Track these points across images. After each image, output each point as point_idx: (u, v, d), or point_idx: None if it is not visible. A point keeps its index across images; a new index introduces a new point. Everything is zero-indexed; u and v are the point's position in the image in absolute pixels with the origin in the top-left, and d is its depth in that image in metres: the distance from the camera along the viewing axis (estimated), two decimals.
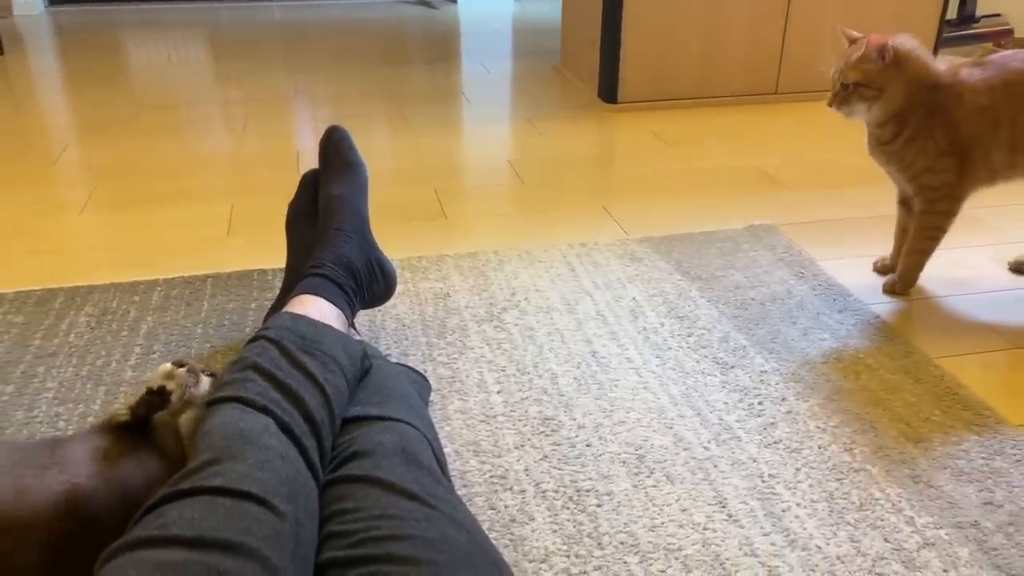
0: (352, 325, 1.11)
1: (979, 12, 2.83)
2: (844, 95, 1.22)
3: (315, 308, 0.98)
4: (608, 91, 2.37)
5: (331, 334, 0.93)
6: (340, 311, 1.01)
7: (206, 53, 3.12)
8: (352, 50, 3.15)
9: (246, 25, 3.63)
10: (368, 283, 1.10)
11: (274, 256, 1.46)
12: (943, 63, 1.22)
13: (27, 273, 1.41)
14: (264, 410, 0.76)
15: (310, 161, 1.95)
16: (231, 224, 1.61)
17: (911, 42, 1.19)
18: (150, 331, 1.22)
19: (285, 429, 0.75)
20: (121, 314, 1.27)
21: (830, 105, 1.24)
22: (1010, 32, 2.82)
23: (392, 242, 1.53)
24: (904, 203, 1.34)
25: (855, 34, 1.24)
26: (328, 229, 1.10)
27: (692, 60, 2.35)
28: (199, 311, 1.28)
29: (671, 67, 2.35)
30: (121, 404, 1.05)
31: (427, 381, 1.06)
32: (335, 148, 1.19)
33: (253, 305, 1.29)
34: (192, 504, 0.62)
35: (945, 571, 0.81)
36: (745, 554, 0.83)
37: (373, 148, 2.05)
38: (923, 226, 1.28)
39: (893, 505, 0.89)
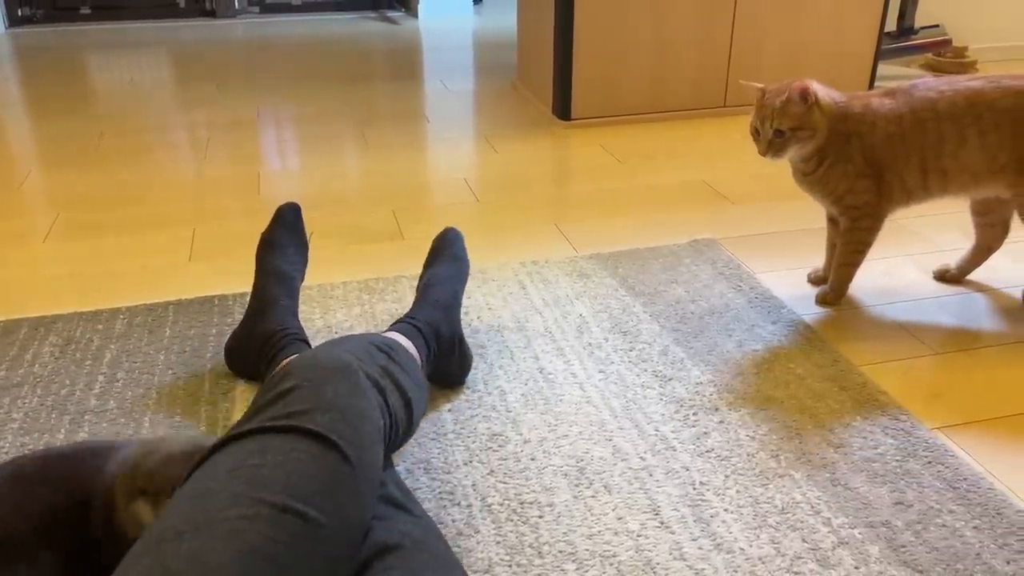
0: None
1: (918, 24, 2.94)
2: (781, 142, 1.27)
3: (410, 347, 1.06)
4: (562, 108, 2.45)
5: (416, 374, 0.99)
6: (421, 360, 1.07)
7: (168, 74, 3.15)
8: (314, 68, 3.20)
9: (208, 43, 3.66)
10: (447, 355, 1.16)
11: (235, 281, 1.50)
12: (843, 95, 1.30)
13: None
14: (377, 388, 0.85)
15: (271, 185, 2.00)
16: (192, 249, 1.65)
17: (816, 83, 1.27)
18: (114, 359, 1.27)
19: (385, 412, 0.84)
20: (85, 343, 1.31)
21: (764, 155, 1.29)
22: (948, 43, 2.94)
23: (350, 264, 1.58)
24: (832, 220, 1.42)
25: (759, 85, 1.30)
26: (426, 298, 1.19)
27: (642, 76, 2.43)
28: (161, 338, 1.32)
29: (622, 83, 2.43)
30: None
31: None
32: (449, 244, 1.29)
33: (214, 331, 1.34)
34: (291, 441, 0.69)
35: (856, 568, 0.88)
36: (675, 558, 0.90)
37: (333, 171, 2.10)
38: (850, 241, 1.37)
39: (812, 507, 0.97)
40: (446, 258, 1.28)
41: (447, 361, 1.16)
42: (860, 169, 1.29)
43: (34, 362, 1.26)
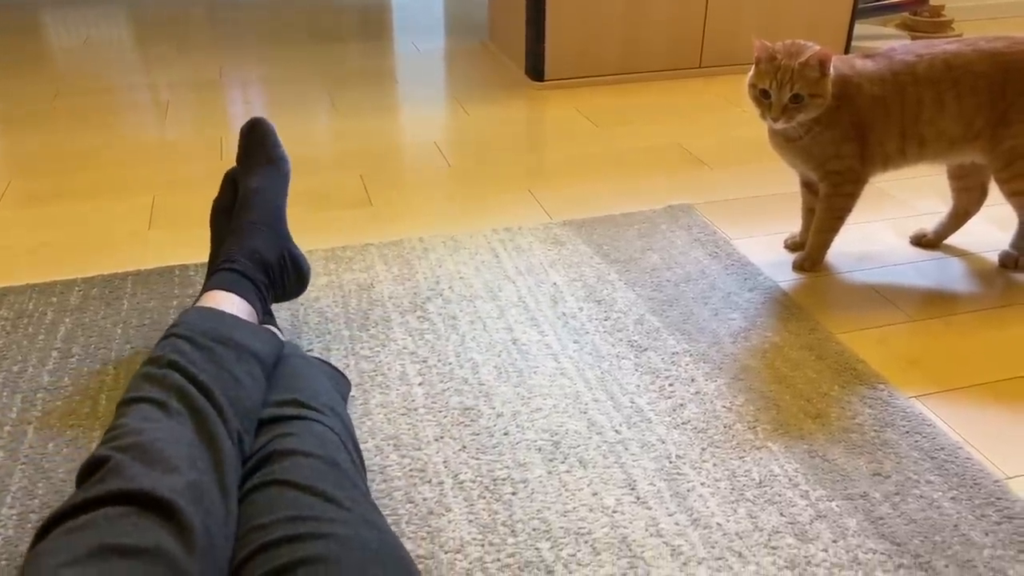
0: (273, 322, 1.12)
1: None
2: (796, 108, 1.21)
3: (227, 303, 1.00)
4: (535, 69, 2.39)
5: (242, 326, 0.94)
6: (251, 306, 1.02)
7: (127, 32, 3.03)
8: (280, 26, 3.10)
9: (169, 0, 3.53)
10: (280, 277, 1.11)
11: (196, 250, 1.45)
12: (838, 59, 1.26)
13: None
14: (177, 412, 0.78)
15: (234, 150, 1.93)
16: (152, 217, 1.59)
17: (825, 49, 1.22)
18: (68, 333, 1.21)
19: (199, 429, 0.77)
20: (38, 316, 1.25)
21: (776, 120, 1.23)
22: (925, 1, 2.90)
23: (317, 232, 1.53)
24: (807, 185, 1.39)
25: (770, 44, 1.23)
26: (241, 221, 1.11)
27: (616, 36, 2.38)
28: (119, 311, 1.27)
29: (596, 43, 2.37)
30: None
31: (346, 378, 1.08)
32: (258, 141, 1.19)
33: (175, 303, 1.29)
34: (101, 514, 0.64)
35: (835, 541, 0.87)
36: (651, 535, 0.88)
37: (300, 133, 2.04)
38: (829, 207, 1.34)
39: (790, 480, 0.95)
40: (258, 162, 1.17)
41: (281, 284, 1.12)
42: (847, 133, 1.26)
43: None
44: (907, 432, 1.02)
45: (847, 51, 2.57)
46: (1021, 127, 1.24)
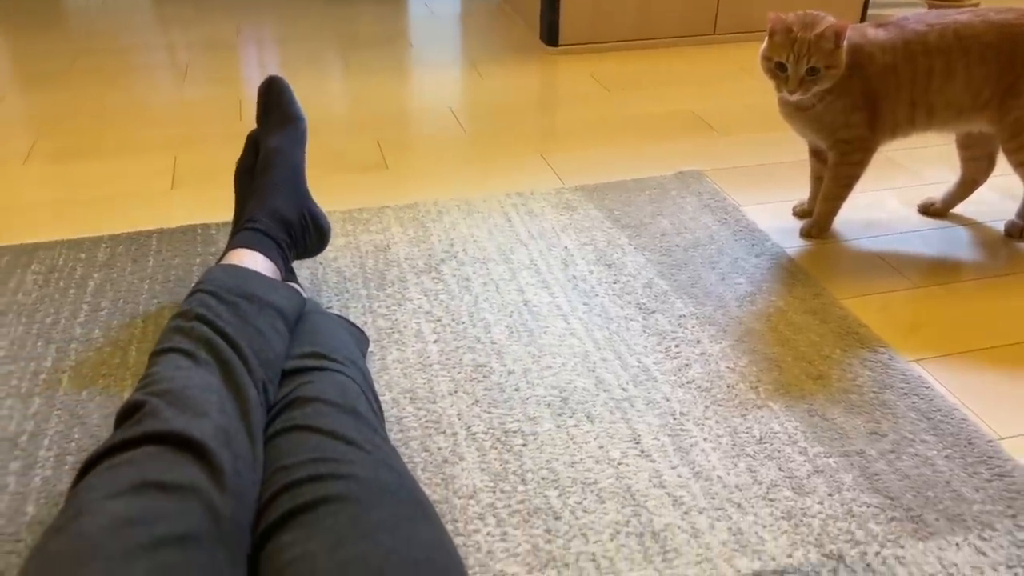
0: (295, 280, 1.17)
1: None
2: (812, 80, 1.23)
3: (250, 261, 1.04)
4: (549, 33, 2.39)
5: (265, 282, 0.99)
6: (273, 264, 1.06)
7: None
8: None
9: None
10: (301, 236, 1.15)
11: (218, 210, 1.49)
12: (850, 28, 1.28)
13: None
14: (205, 362, 0.82)
15: (253, 109, 1.96)
16: (175, 177, 1.63)
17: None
18: (97, 288, 1.26)
19: (226, 378, 0.82)
20: (68, 271, 1.30)
21: (792, 93, 1.24)
22: None
23: (334, 194, 1.57)
24: (815, 153, 1.42)
25: (784, 17, 1.24)
26: (264, 182, 1.15)
27: (631, 2, 2.38)
28: (145, 267, 1.32)
29: (610, 9, 2.38)
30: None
31: (364, 335, 1.12)
32: (275, 100, 1.22)
33: (198, 260, 1.34)
34: (139, 452, 0.68)
35: (830, 495, 0.91)
36: (654, 486, 0.92)
37: (315, 95, 2.06)
38: (838, 175, 1.36)
39: (789, 437, 0.99)
40: (276, 121, 1.20)
41: (302, 242, 1.16)
42: (857, 102, 1.28)
43: (17, 290, 1.25)
44: (905, 394, 1.06)
45: (863, 19, 2.56)
46: None
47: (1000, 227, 1.46)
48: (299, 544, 0.65)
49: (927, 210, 1.50)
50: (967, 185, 1.46)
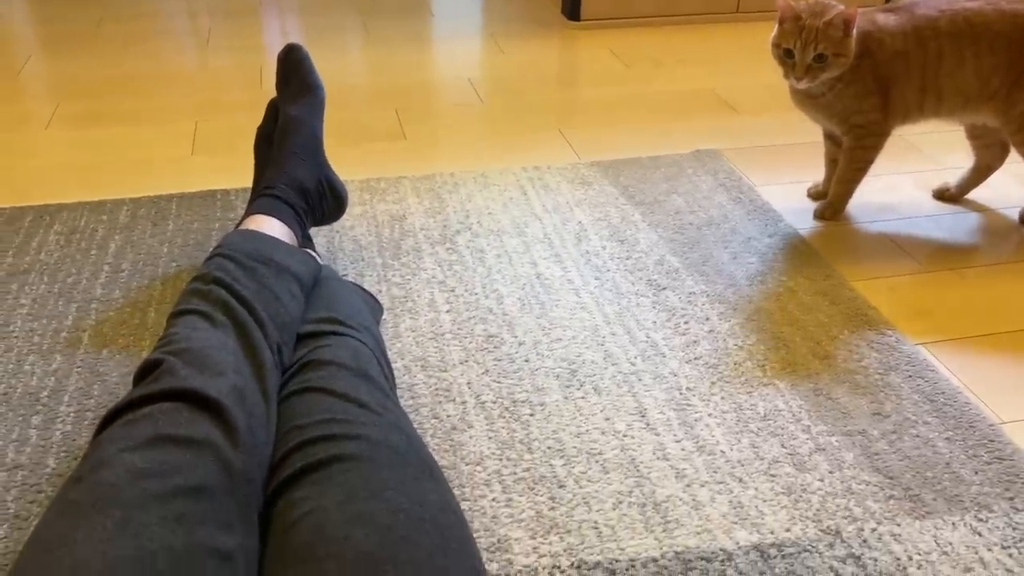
0: (311, 246, 1.19)
1: None
2: (820, 67, 1.23)
3: (268, 226, 1.06)
4: (571, 8, 2.39)
5: (282, 248, 1.01)
6: (290, 230, 1.08)
7: None
8: None
9: None
10: (318, 203, 1.17)
11: (236, 176, 1.51)
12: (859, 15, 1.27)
13: None
14: (222, 323, 0.85)
15: (274, 77, 1.97)
16: (195, 143, 1.65)
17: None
18: (118, 250, 1.29)
19: (242, 339, 0.84)
20: (89, 233, 1.33)
21: (800, 79, 1.25)
22: None
23: (352, 163, 1.58)
24: (830, 136, 1.42)
25: (794, 3, 1.24)
26: (282, 150, 1.17)
27: None
28: (165, 231, 1.34)
29: None
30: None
31: (378, 303, 1.14)
32: (294, 69, 1.24)
33: (216, 225, 1.36)
34: (156, 408, 0.71)
35: (831, 472, 0.93)
36: (658, 458, 0.94)
37: (336, 64, 2.07)
38: (852, 159, 1.36)
39: (793, 415, 1.00)
40: (296, 90, 1.21)
41: (319, 209, 1.18)
42: (869, 87, 1.28)
43: (40, 250, 1.28)
44: (910, 376, 1.07)
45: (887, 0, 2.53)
46: None
47: (1013, 214, 1.46)
48: (311, 500, 0.67)
49: (942, 195, 1.50)
50: (982, 171, 1.46)
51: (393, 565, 0.61)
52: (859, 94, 1.28)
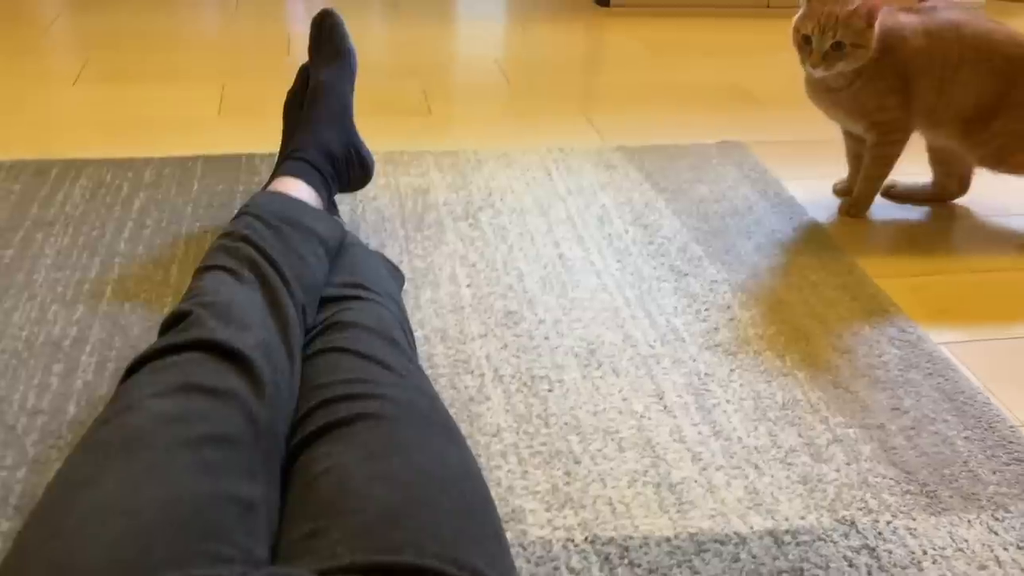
0: (336, 213, 1.19)
1: None
2: (837, 55, 1.22)
3: (295, 189, 1.06)
4: None
5: (309, 211, 1.01)
6: (316, 194, 1.08)
7: None
8: None
9: None
10: (345, 169, 1.17)
11: (262, 141, 1.51)
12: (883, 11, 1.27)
13: (22, 142, 1.46)
14: (249, 280, 0.85)
15: (301, 45, 1.96)
16: (222, 105, 1.65)
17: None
18: (143, 207, 1.29)
19: (268, 296, 0.84)
20: (115, 188, 1.33)
21: (815, 66, 1.24)
22: None
23: (377, 135, 1.57)
24: (849, 132, 1.41)
25: None
26: (311, 115, 1.17)
27: None
28: (190, 191, 1.34)
29: None
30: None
31: (400, 272, 1.14)
32: (328, 34, 1.24)
33: (241, 188, 1.36)
34: (184, 357, 0.71)
35: (847, 464, 0.92)
36: (674, 440, 0.94)
37: (363, 38, 2.07)
38: (877, 156, 1.36)
39: (812, 406, 1.00)
40: (327, 55, 1.22)
41: (346, 175, 1.18)
42: (892, 85, 1.27)
43: (65, 202, 1.28)
44: (930, 374, 1.06)
45: None
46: (1006, 122, 1.28)
47: None
48: (333, 456, 0.67)
49: (887, 192, 1.47)
50: (936, 195, 1.46)
51: (414, 524, 0.61)
52: (880, 91, 1.28)
